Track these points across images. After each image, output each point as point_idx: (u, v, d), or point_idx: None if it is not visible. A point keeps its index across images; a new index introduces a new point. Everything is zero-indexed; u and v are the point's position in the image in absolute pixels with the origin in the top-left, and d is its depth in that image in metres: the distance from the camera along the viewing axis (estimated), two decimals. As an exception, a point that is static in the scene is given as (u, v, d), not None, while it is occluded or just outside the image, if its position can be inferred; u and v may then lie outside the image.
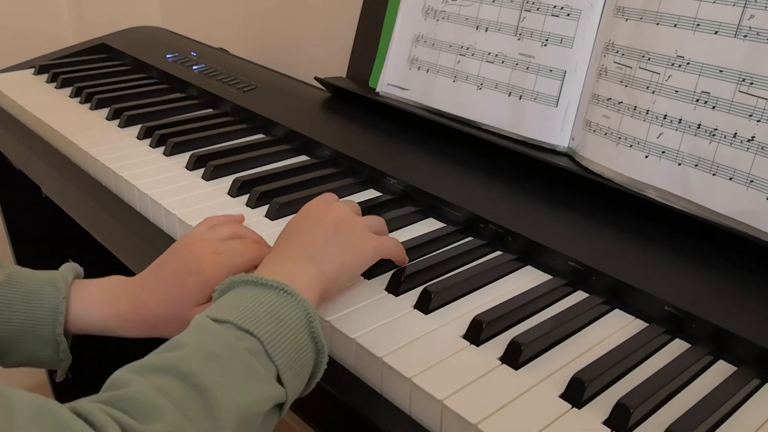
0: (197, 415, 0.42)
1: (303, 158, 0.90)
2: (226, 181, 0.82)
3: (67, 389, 0.46)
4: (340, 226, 0.59)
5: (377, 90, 0.98)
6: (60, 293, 0.60)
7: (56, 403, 0.38)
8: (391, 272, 0.63)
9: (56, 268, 0.67)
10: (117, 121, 1.02)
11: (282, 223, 0.73)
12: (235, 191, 0.80)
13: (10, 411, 0.36)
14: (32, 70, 1.27)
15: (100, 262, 0.67)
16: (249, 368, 0.45)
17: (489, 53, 0.85)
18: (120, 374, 0.44)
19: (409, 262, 0.65)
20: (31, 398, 0.38)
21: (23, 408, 0.37)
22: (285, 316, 0.49)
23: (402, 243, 0.68)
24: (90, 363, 0.72)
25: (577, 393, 0.49)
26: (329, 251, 0.57)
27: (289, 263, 0.55)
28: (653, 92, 0.69)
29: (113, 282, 0.64)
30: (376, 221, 0.64)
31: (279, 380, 0.47)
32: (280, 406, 0.48)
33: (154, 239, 0.77)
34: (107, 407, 0.40)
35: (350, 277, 0.59)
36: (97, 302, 0.62)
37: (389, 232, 0.71)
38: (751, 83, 0.62)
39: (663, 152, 0.68)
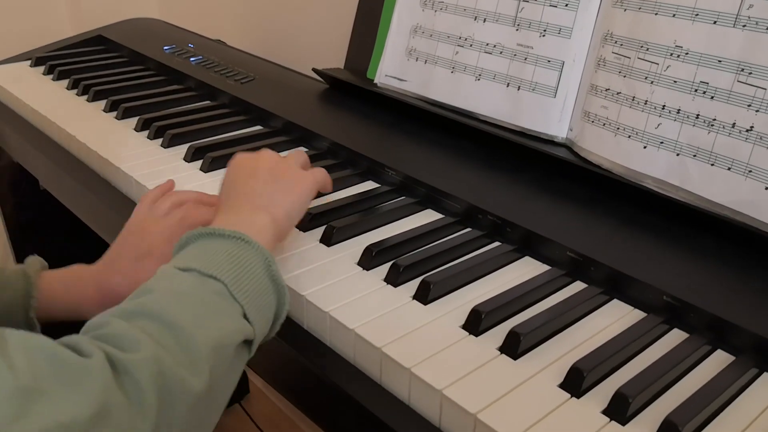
0: (173, 348, 0.44)
1: (301, 150, 0.90)
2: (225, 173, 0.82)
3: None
4: (276, 172, 0.63)
5: (375, 81, 0.98)
6: (30, 280, 0.64)
7: (45, 337, 0.41)
8: (390, 263, 0.63)
9: (54, 260, 0.69)
10: (114, 113, 1.01)
11: (280, 214, 0.73)
12: (234, 183, 0.80)
13: (4, 342, 0.39)
14: (29, 62, 1.26)
15: (98, 254, 0.67)
16: (216, 306, 0.48)
17: (487, 44, 0.85)
18: (97, 319, 0.46)
19: (409, 253, 0.65)
20: (22, 334, 0.40)
21: (15, 340, 0.39)
22: (245, 262, 0.51)
23: (401, 234, 0.68)
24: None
25: (576, 382, 0.49)
26: (275, 198, 0.60)
27: (242, 214, 0.58)
28: (652, 82, 0.69)
29: (77, 269, 0.67)
30: (300, 156, 0.68)
31: (245, 318, 0.50)
32: (249, 344, 0.51)
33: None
34: (92, 339, 0.43)
35: (299, 215, 0.63)
36: (64, 288, 0.66)
37: (388, 223, 0.72)
38: (750, 73, 0.62)
39: (661, 142, 0.68)
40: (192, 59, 1.19)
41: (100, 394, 0.39)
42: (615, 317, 0.58)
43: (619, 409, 0.47)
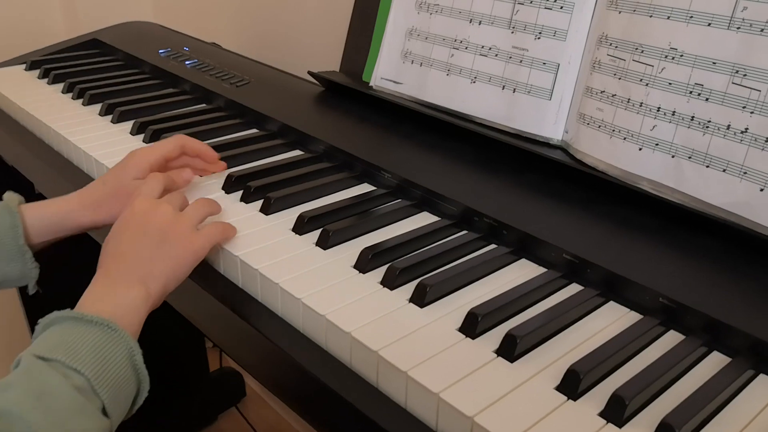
0: None
1: (297, 153, 0.90)
2: (220, 176, 0.82)
3: (39, 308, 0.50)
4: (166, 233, 0.62)
5: (371, 84, 0.98)
6: (12, 209, 0.69)
7: None
8: (386, 266, 0.63)
9: (51, 261, 0.73)
10: (110, 117, 1.01)
11: (276, 218, 0.73)
12: (229, 186, 0.80)
13: None
14: (24, 65, 1.26)
15: (94, 256, 0.67)
16: (77, 405, 0.48)
17: (482, 46, 0.85)
18: None
19: (405, 255, 0.65)
20: None
21: None
22: (108, 353, 0.52)
23: (397, 237, 0.68)
24: (56, 277, 0.76)
25: (572, 385, 0.49)
26: (156, 267, 0.60)
27: (117, 288, 0.58)
28: (647, 84, 0.69)
29: (56, 199, 0.73)
30: (200, 209, 0.68)
31: (104, 411, 0.51)
32: None
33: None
34: None
35: (178, 281, 0.63)
36: (47, 206, 0.72)
37: (384, 226, 0.72)
38: (745, 75, 0.62)
39: (656, 144, 0.68)
40: (187, 62, 1.19)
41: None
42: (611, 319, 0.58)
43: (616, 411, 0.47)
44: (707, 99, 0.65)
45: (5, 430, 0.45)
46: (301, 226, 0.70)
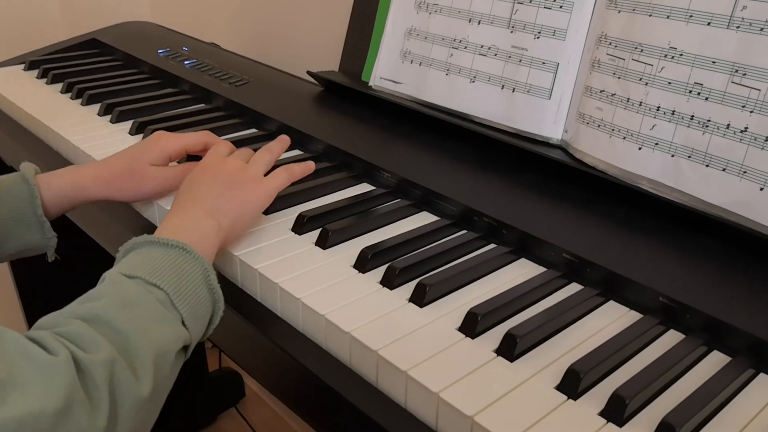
0: (123, 354, 0.48)
1: (296, 152, 0.90)
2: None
3: (39, 310, 0.51)
4: (234, 179, 0.67)
5: (370, 84, 0.98)
6: (30, 182, 0.71)
7: (12, 331, 0.45)
8: (386, 265, 0.63)
9: (50, 263, 0.75)
10: (109, 117, 1.01)
11: (275, 218, 0.73)
12: (229, 186, 0.79)
13: None
14: (22, 65, 1.26)
15: (91, 255, 0.68)
16: (159, 314, 0.52)
17: (482, 46, 0.85)
18: (52, 318, 0.49)
19: (404, 255, 0.65)
20: None
21: None
22: (185, 272, 0.55)
23: (396, 236, 0.68)
24: (57, 278, 0.77)
25: (572, 384, 0.49)
26: (225, 204, 0.64)
27: (190, 220, 0.62)
28: (646, 84, 0.69)
29: (71, 169, 0.75)
30: (265, 158, 0.72)
31: (183, 325, 0.54)
32: (185, 348, 0.55)
33: (143, 233, 0.76)
34: (57, 336, 0.46)
35: (247, 224, 0.67)
36: (62, 176, 0.73)
37: (383, 226, 0.72)
38: (744, 74, 0.62)
39: (656, 144, 0.68)
40: (186, 62, 1.19)
41: (66, 390, 0.43)
42: (611, 319, 0.58)
43: (616, 410, 0.47)
44: (707, 98, 0.64)
45: (101, 333, 0.48)
46: (300, 226, 0.70)
